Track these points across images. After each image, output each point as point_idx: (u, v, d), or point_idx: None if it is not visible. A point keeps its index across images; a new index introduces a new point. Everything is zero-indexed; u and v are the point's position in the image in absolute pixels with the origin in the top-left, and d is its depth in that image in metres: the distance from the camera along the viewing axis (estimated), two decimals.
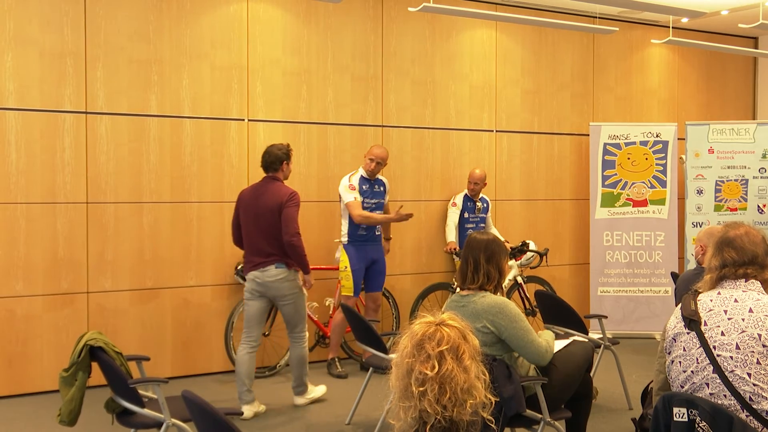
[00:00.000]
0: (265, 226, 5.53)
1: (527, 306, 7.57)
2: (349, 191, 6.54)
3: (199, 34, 6.59)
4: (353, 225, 6.57)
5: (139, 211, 6.40)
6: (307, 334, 5.83)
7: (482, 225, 7.60)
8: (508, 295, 7.64)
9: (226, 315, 6.61)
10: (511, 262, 7.57)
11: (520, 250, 7.58)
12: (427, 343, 1.91)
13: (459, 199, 7.52)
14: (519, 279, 7.60)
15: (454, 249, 7.33)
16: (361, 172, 6.68)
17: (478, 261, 3.97)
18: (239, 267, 6.61)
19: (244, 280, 6.53)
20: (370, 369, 5.34)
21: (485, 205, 7.64)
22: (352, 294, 6.58)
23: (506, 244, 7.52)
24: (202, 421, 3.03)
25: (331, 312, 6.96)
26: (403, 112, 7.50)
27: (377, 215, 6.62)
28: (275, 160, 5.64)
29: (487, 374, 1.93)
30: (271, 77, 6.89)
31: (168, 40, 6.47)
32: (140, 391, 4.11)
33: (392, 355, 2.75)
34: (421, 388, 1.89)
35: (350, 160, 7.21)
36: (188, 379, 6.49)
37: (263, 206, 5.54)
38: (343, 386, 6.32)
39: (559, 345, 4.31)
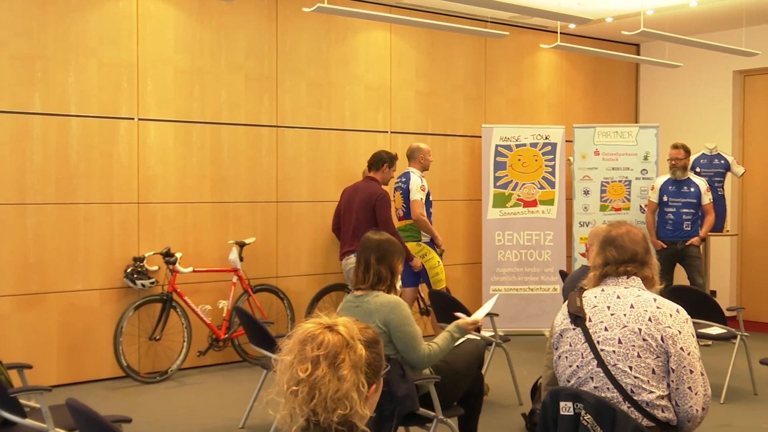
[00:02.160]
0: (354, 220, 6.43)
1: (421, 305, 7.66)
2: (419, 191, 6.83)
3: (86, 29, 6.38)
4: (430, 221, 6.96)
5: (22, 213, 6.14)
6: None
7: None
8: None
9: (116, 319, 6.42)
10: None
11: None
12: (308, 343, 1.90)
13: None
14: None
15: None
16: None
17: (369, 261, 4.00)
18: (129, 270, 6.44)
19: (134, 283, 6.39)
20: (265, 371, 5.29)
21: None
22: (445, 284, 6.93)
23: None
24: (88, 430, 2.93)
25: (225, 315, 6.87)
26: (299, 112, 7.47)
27: (429, 224, 6.92)
28: (378, 160, 6.51)
29: (366, 386, 1.92)
30: (162, 75, 6.74)
31: (53, 35, 6.24)
32: (23, 401, 3.94)
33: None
34: (294, 388, 1.88)
35: (245, 161, 7.14)
36: (76, 387, 6.27)
37: (357, 202, 6.46)
38: (237, 388, 6.24)
39: (484, 310, 4.37)
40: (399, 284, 7.48)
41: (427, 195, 6.98)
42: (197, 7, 6.89)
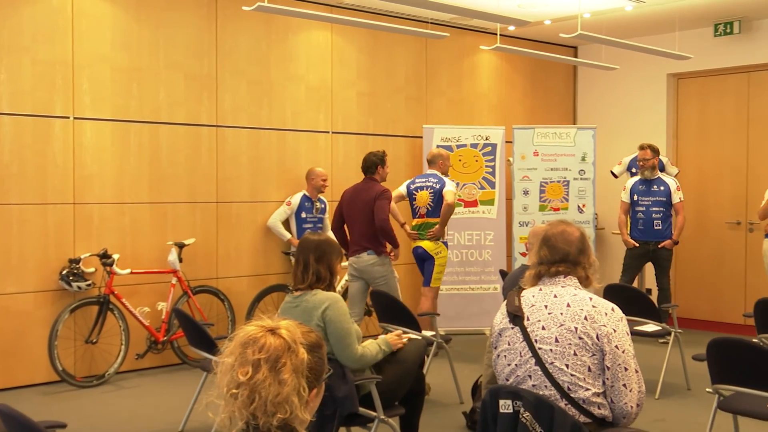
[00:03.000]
0: (361, 218, 6.62)
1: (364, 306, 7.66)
2: (453, 193, 7.33)
3: (18, 26, 6.22)
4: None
5: None
6: None
7: (320, 225, 7.62)
8: (345, 295, 7.70)
9: (51, 322, 6.27)
10: (347, 263, 7.63)
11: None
12: (250, 346, 1.89)
13: (295, 199, 7.50)
14: None
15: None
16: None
17: (308, 261, 4.01)
18: (64, 272, 6.31)
19: (70, 285, 6.27)
20: (204, 373, 5.23)
21: (323, 205, 7.66)
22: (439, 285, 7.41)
23: None
24: None
25: (163, 317, 6.77)
26: (239, 112, 7.40)
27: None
28: (371, 165, 6.77)
29: (307, 391, 1.91)
30: (99, 74, 6.61)
31: None
32: None
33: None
34: (234, 391, 1.87)
35: (184, 161, 7.05)
36: (8, 392, 6.12)
37: (360, 201, 6.66)
38: (176, 391, 6.16)
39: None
40: (339, 284, 7.51)
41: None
42: (134, 5, 6.78)
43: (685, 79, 9.33)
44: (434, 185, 7.33)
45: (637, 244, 7.87)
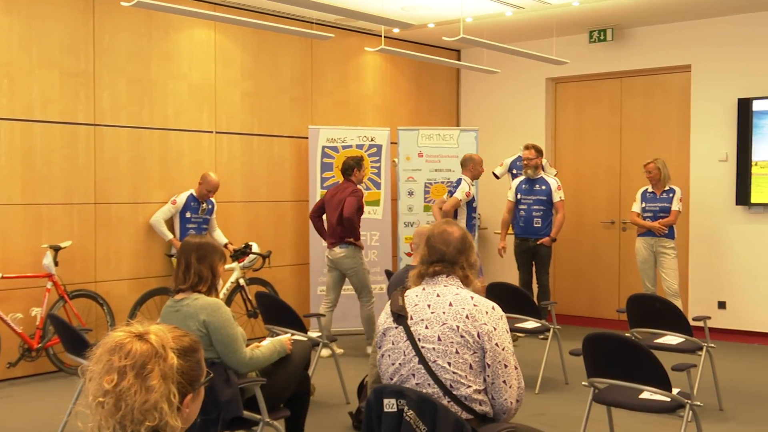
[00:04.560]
0: (336, 215, 7.26)
1: (249, 308, 7.58)
2: (462, 194, 7.73)
3: None
4: (470, 224, 7.80)
5: None
6: (373, 298, 7.50)
7: (205, 227, 7.48)
8: (231, 298, 7.61)
9: None
10: (234, 264, 7.54)
11: (243, 252, 7.57)
12: (116, 353, 1.82)
13: (181, 198, 7.32)
14: (241, 281, 7.58)
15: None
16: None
17: (190, 262, 3.94)
18: None
19: None
20: (82, 381, 5.04)
21: (211, 206, 7.51)
22: None
23: (230, 246, 7.50)
24: None
25: (38, 323, 6.49)
26: (118, 110, 7.18)
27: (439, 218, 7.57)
28: (347, 168, 7.42)
29: (177, 397, 1.87)
30: None
31: None
32: None
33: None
34: (101, 399, 1.81)
35: (59, 160, 6.78)
36: None
37: (336, 200, 7.32)
38: (51, 400, 5.92)
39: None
40: (225, 286, 7.41)
41: (471, 200, 7.85)
42: None
43: (563, 84, 9.66)
44: (452, 189, 7.86)
45: (519, 241, 8.14)
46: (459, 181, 7.91)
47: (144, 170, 7.36)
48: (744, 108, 8.11)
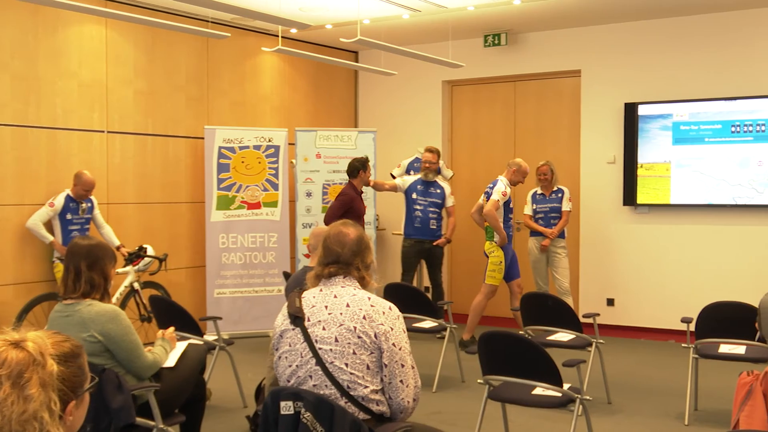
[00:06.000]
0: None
1: (143, 312, 7.40)
2: (499, 195, 7.62)
3: None
4: (507, 224, 7.73)
5: None
6: None
7: (87, 227, 7.22)
8: (125, 302, 7.40)
9: None
10: (128, 268, 7.34)
11: (138, 255, 7.38)
12: None
13: (59, 200, 7.01)
14: (136, 285, 7.39)
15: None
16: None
17: (80, 268, 3.78)
18: None
19: None
20: None
21: (90, 205, 7.24)
22: (498, 284, 7.78)
23: (123, 249, 7.29)
24: None
25: None
26: (3, 108, 6.88)
27: (497, 221, 7.66)
28: (353, 169, 7.69)
29: (58, 404, 1.80)
30: None
31: None
32: None
33: None
34: None
35: None
36: None
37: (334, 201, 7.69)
38: None
39: (175, 354, 4.27)
40: (119, 290, 7.20)
41: (508, 201, 7.76)
42: None
43: (459, 86, 9.82)
44: (489, 190, 7.78)
45: (413, 242, 8.22)
46: (495, 182, 7.79)
47: (30, 170, 7.08)
48: (630, 112, 8.44)
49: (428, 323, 6.65)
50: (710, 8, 7.99)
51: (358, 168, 7.70)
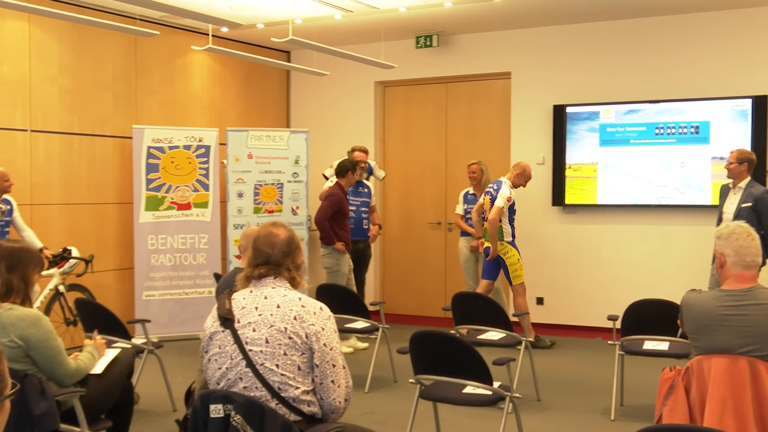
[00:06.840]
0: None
1: (68, 316, 7.22)
2: (503, 200, 7.62)
3: None
4: (512, 226, 7.74)
5: None
6: None
7: (7, 230, 6.98)
8: (50, 306, 7.21)
9: None
10: (53, 270, 7.15)
11: (62, 257, 7.19)
12: None
13: None
14: (61, 288, 7.20)
15: None
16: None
17: None
18: None
19: None
20: None
21: (9, 206, 7.01)
22: (523, 280, 7.75)
23: (46, 251, 7.10)
24: None
25: None
26: None
27: (496, 229, 7.67)
28: (342, 169, 7.70)
29: None
30: None
31: None
32: None
33: None
34: None
35: None
36: None
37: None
38: None
39: (104, 362, 4.18)
40: (43, 293, 7.01)
41: (512, 204, 7.74)
42: None
43: (391, 87, 9.85)
44: (493, 192, 7.76)
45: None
46: (498, 183, 7.79)
47: None
48: (558, 114, 8.60)
49: (360, 323, 6.65)
50: (637, 13, 8.19)
51: (347, 168, 7.71)
